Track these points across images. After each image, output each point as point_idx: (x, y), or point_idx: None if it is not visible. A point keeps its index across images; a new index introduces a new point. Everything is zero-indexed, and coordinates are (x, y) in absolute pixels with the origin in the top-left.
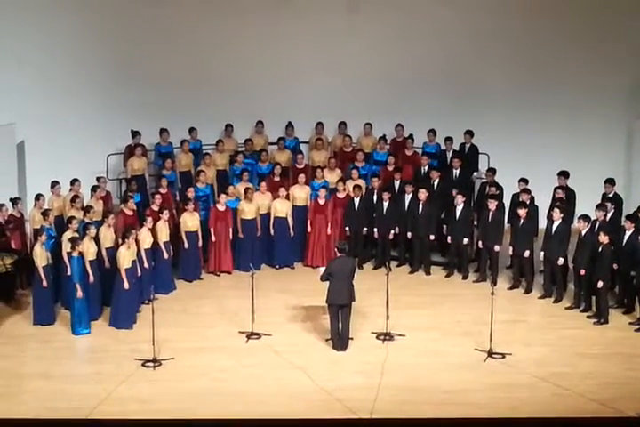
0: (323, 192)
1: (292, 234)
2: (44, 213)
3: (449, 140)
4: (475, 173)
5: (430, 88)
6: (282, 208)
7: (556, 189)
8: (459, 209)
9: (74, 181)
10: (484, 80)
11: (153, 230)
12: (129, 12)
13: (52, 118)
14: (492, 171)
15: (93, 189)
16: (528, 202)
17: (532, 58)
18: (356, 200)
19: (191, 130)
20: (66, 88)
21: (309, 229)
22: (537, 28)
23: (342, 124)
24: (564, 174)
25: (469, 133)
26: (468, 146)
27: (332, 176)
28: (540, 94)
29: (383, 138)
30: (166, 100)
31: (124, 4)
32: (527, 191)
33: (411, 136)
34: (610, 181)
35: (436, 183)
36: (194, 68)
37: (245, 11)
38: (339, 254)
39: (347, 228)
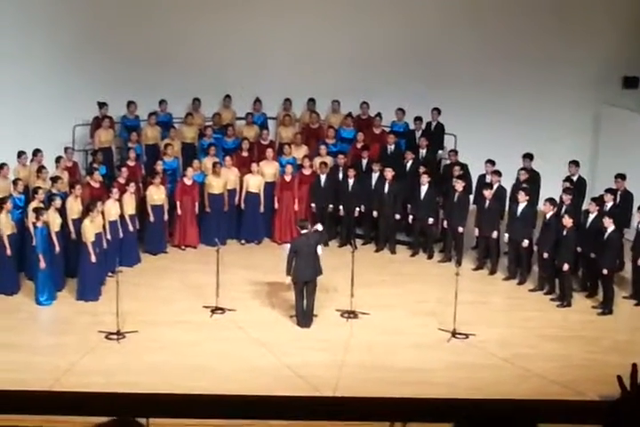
0: (289, 168)
1: (262, 210)
2: (14, 183)
3: (418, 119)
4: (440, 151)
5: (400, 67)
6: (254, 183)
7: (519, 170)
8: (424, 189)
9: (36, 152)
10: (452, 60)
11: (119, 203)
12: None
13: (17, 87)
14: (454, 151)
15: (58, 159)
16: (496, 184)
17: (502, 39)
18: (322, 177)
19: (161, 102)
20: (32, 57)
21: (277, 205)
22: (506, 10)
23: (311, 101)
24: (528, 156)
25: (437, 111)
26: (434, 124)
27: (298, 152)
28: (508, 76)
29: (350, 115)
30: (135, 73)
31: None
32: (497, 173)
33: (379, 114)
34: (574, 163)
35: (409, 164)
36: (164, 40)
37: None
38: (301, 231)
39: (312, 204)
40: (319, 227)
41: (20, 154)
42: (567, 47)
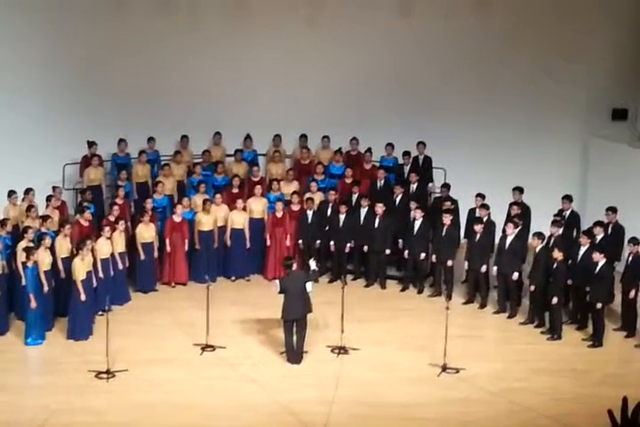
0: (279, 205)
1: (248, 246)
2: (2, 223)
3: (407, 154)
4: (430, 184)
5: (388, 102)
6: (239, 220)
7: (511, 204)
8: (417, 224)
9: (28, 191)
10: (441, 95)
11: (109, 240)
12: (89, 19)
13: (6, 127)
14: (446, 186)
15: (48, 198)
16: (485, 218)
17: (490, 73)
18: (309, 213)
19: (149, 140)
20: (22, 96)
21: (269, 242)
22: (493, 43)
23: (303, 137)
24: (518, 189)
25: (422, 144)
26: (421, 157)
27: (288, 188)
28: (496, 109)
29: (339, 151)
30: (125, 110)
31: (84, 12)
32: (485, 207)
33: (369, 150)
34: (567, 198)
35: (398, 198)
36: (153, 78)
37: (205, 22)
38: (287, 271)
39: (299, 241)
40: (313, 265)
41: (11, 193)
42: (556, 80)
